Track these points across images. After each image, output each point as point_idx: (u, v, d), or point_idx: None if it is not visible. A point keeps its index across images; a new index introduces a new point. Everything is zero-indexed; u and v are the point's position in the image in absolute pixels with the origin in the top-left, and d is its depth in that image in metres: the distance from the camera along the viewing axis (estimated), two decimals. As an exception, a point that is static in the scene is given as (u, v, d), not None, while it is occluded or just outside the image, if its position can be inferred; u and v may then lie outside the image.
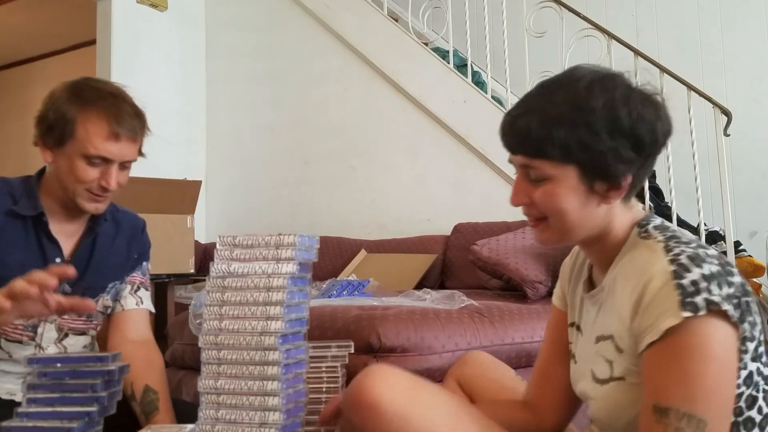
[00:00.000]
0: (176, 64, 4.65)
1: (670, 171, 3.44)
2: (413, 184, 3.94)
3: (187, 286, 3.38)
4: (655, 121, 0.98)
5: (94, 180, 1.34)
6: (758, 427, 0.95)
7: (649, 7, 4.54)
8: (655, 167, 3.62)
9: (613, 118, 0.95)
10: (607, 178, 0.96)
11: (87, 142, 1.31)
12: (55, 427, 1.03)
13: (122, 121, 1.33)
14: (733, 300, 0.89)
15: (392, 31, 4.06)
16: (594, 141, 0.94)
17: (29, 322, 1.38)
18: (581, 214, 0.99)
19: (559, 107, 0.96)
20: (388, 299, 2.16)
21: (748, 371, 0.93)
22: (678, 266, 0.90)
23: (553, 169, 0.97)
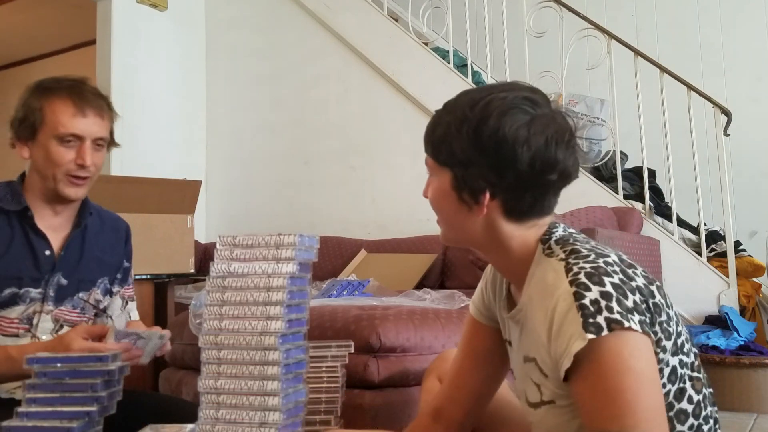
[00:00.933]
0: (176, 64, 4.65)
1: (670, 171, 3.44)
2: (413, 184, 3.92)
3: (187, 286, 3.37)
4: (523, 144, 0.96)
5: (71, 161, 1.38)
6: (692, 416, 0.97)
7: (649, 7, 4.54)
8: (654, 167, 3.58)
9: (479, 135, 0.98)
10: (468, 191, 1.00)
11: (56, 122, 1.37)
12: (55, 427, 1.03)
13: (85, 99, 1.40)
14: (637, 309, 0.90)
15: (392, 31, 4.06)
16: (459, 150, 1.00)
17: (24, 314, 1.41)
18: (455, 219, 1.05)
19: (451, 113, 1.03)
20: (388, 299, 2.16)
21: (670, 367, 0.95)
22: (578, 287, 0.91)
23: (435, 168, 1.07)
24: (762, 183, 4.09)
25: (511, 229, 1.03)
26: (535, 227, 1.04)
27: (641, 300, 0.92)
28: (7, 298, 1.38)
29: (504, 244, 1.04)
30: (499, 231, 1.03)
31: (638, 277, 0.95)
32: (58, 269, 1.44)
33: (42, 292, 1.42)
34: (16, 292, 1.39)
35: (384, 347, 1.70)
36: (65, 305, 1.46)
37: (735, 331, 3.02)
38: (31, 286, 1.41)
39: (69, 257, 1.46)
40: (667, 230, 3.39)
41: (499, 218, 1.02)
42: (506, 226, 1.02)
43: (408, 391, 1.76)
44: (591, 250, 0.96)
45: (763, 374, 2.86)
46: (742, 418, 2.75)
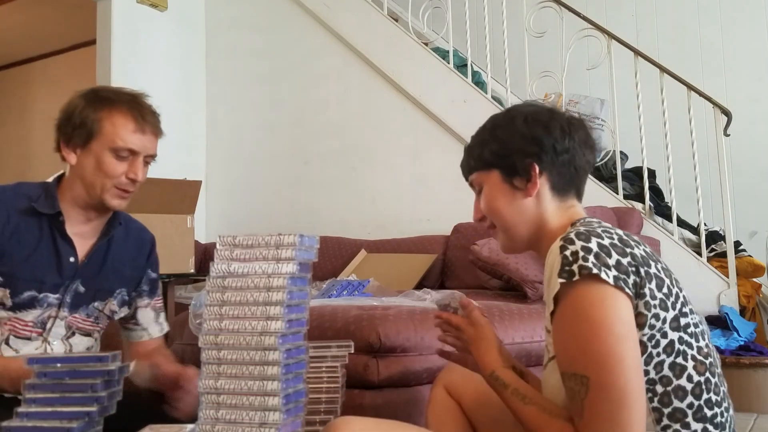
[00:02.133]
0: (176, 64, 4.65)
1: (670, 171, 3.44)
2: (413, 184, 3.94)
3: (187, 286, 3.38)
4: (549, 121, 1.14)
5: (122, 174, 1.40)
6: (691, 394, 1.00)
7: (649, 7, 4.54)
8: (655, 167, 3.58)
9: (510, 124, 1.17)
10: (519, 173, 1.14)
11: (115, 135, 1.38)
12: (55, 427, 1.03)
13: (146, 116, 1.43)
14: (619, 268, 0.97)
15: (392, 31, 4.06)
16: (498, 146, 1.16)
17: (39, 318, 1.41)
18: (512, 209, 1.16)
19: (479, 135, 1.22)
20: (388, 299, 2.16)
21: (668, 340, 1.00)
22: (564, 241, 1.01)
23: (483, 177, 1.19)
24: (762, 183, 4.09)
25: (554, 208, 1.15)
26: (572, 209, 1.16)
27: (630, 263, 0.99)
28: (26, 300, 1.39)
29: (548, 225, 1.15)
30: (546, 209, 1.15)
31: (638, 249, 1.03)
32: (79, 276, 1.44)
33: (60, 298, 1.42)
34: (36, 295, 1.39)
35: (384, 347, 1.70)
36: (79, 313, 1.46)
37: (735, 331, 3.02)
38: (50, 291, 1.41)
39: (91, 266, 1.47)
40: (667, 230, 3.39)
41: (547, 194, 1.15)
42: (551, 203, 1.15)
43: (408, 391, 1.76)
44: (601, 224, 1.07)
45: (763, 374, 2.87)
46: (742, 418, 2.75)
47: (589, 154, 1.17)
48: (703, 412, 1.00)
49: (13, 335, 1.39)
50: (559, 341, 1.01)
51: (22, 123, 6.60)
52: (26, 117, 6.66)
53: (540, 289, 2.48)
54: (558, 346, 1.01)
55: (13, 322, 1.39)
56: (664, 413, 1.00)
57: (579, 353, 0.97)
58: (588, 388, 0.95)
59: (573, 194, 1.17)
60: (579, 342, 0.97)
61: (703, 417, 1.00)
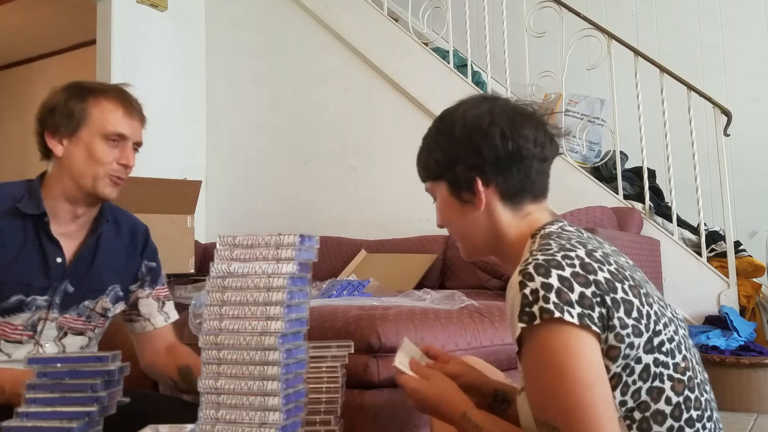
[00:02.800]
0: (176, 64, 4.65)
1: (670, 171, 3.44)
2: (413, 184, 3.89)
3: (187, 286, 3.37)
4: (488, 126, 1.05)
5: (113, 160, 1.39)
6: (671, 417, 0.95)
7: (649, 7, 4.54)
8: (655, 167, 3.58)
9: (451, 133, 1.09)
10: (463, 188, 1.08)
11: (105, 120, 1.38)
12: (55, 427, 1.03)
13: (133, 102, 1.44)
14: (582, 302, 0.91)
15: (392, 31, 4.06)
16: (443, 157, 1.10)
17: (29, 321, 1.39)
18: (464, 221, 1.11)
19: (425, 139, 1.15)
20: (388, 299, 2.16)
21: (642, 365, 0.94)
22: (523, 277, 0.93)
23: (433, 187, 1.14)
24: (762, 183, 4.09)
25: (509, 218, 1.08)
26: (530, 217, 1.09)
27: (594, 294, 0.92)
28: (14, 305, 1.36)
29: (505, 236, 1.09)
30: (499, 221, 1.08)
31: (602, 272, 0.95)
32: (67, 277, 1.42)
33: (48, 299, 1.40)
34: (23, 299, 1.37)
35: (384, 347, 1.70)
36: (70, 313, 1.43)
37: (735, 332, 3.02)
38: (38, 294, 1.38)
39: (79, 266, 1.44)
40: (667, 230, 3.39)
41: (497, 205, 1.08)
42: (504, 213, 1.08)
43: (408, 391, 1.75)
44: (561, 246, 0.98)
45: (763, 374, 2.87)
46: (742, 418, 2.75)
47: (543, 150, 1.07)
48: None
49: (3, 340, 1.37)
50: (527, 385, 0.96)
51: (22, 123, 6.58)
52: (26, 117, 6.62)
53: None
54: (527, 386, 0.96)
55: (2, 326, 1.37)
56: None
57: (547, 401, 0.92)
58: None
59: (529, 199, 1.09)
60: (546, 390, 0.92)
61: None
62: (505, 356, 1.93)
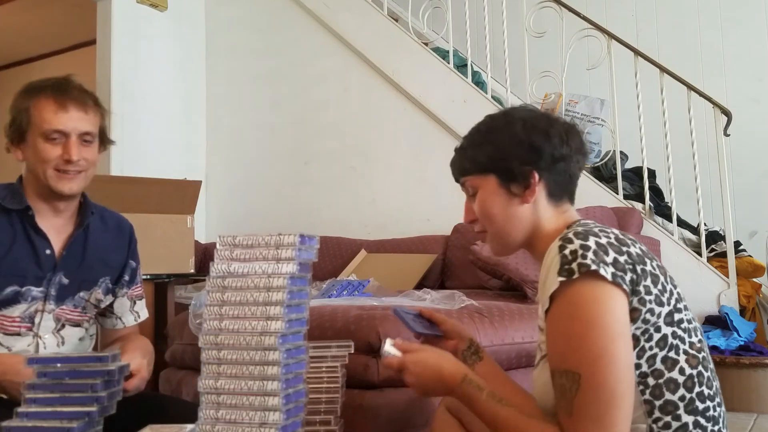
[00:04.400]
0: (176, 64, 4.64)
1: (670, 171, 3.44)
2: (413, 184, 3.94)
3: (187, 286, 3.37)
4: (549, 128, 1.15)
5: (57, 157, 1.40)
6: (683, 387, 1.02)
7: (649, 7, 4.54)
8: (655, 167, 3.58)
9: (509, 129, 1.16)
10: (516, 179, 1.15)
11: (41, 120, 1.39)
12: (55, 427, 1.03)
13: (67, 94, 1.41)
14: (616, 265, 0.99)
15: (392, 31, 4.06)
16: (496, 151, 1.16)
17: (26, 313, 1.41)
18: (507, 214, 1.16)
19: (470, 137, 1.21)
20: (388, 299, 2.16)
21: (661, 334, 1.02)
22: (563, 240, 1.03)
23: (478, 180, 1.19)
24: (762, 183, 4.09)
25: (550, 213, 1.16)
26: (566, 214, 1.17)
27: (626, 261, 1.01)
28: (10, 296, 1.39)
29: (542, 230, 1.16)
30: (542, 215, 1.16)
31: (634, 248, 1.04)
32: (60, 269, 1.45)
33: (44, 291, 1.43)
34: (18, 290, 1.40)
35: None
36: (66, 304, 1.47)
37: (735, 332, 3.02)
38: (33, 285, 1.41)
39: (71, 257, 1.47)
40: (667, 230, 3.38)
41: (543, 201, 1.16)
42: (548, 209, 1.16)
43: (408, 391, 1.74)
44: (597, 225, 1.08)
45: (763, 374, 2.86)
46: (742, 418, 2.75)
47: (582, 160, 1.19)
48: (694, 404, 1.02)
49: (2, 332, 1.40)
50: (552, 338, 1.02)
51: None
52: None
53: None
54: (551, 343, 1.02)
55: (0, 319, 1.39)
56: (656, 405, 1.01)
57: (572, 351, 0.98)
58: (579, 386, 0.96)
59: (567, 199, 1.19)
60: (572, 340, 0.98)
61: (695, 410, 1.02)
62: (505, 356, 1.93)
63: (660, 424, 1.01)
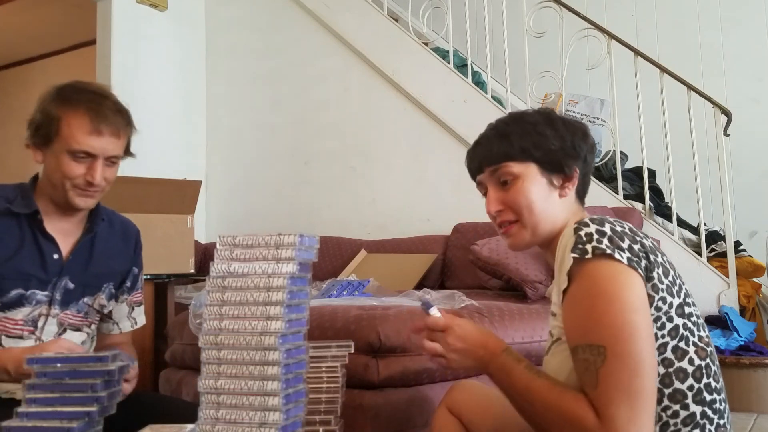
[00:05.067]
0: (176, 64, 4.64)
1: (670, 171, 3.44)
2: (413, 184, 3.94)
3: (187, 286, 3.38)
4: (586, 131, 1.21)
5: (80, 175, 1.39)
6: (692, 377, 1.04)
7: (649, 7, 4.54)
8: (654, 167, 3.58)
9: (552, 124, 1.19)
10: (561, 170, 1.17)
11: (70, 137, 1.37)
12: (55, 427, 1.03)
13: (104, 117, 1.38)
14: (631, 251, 1.01)
15: (392, 31, 4.06)
16: (544, 141, 1.17)
17: (30, 316, 1.41)
18: (545, 205, 1.17)
19: (509, 125, 1.21)
20: (388, 299, 2.16)
21: (673, 324, 1.04)
22: (579, 224, 1.05)
23: (518, 168, 1.17)
24: (762, 183, 4.09)
25: (575, 209, 1.20)
26: (582, 213, 1.21)
27: (641, 249, 1.03)
28: (14, 299, 1.39)
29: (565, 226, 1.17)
30: (569, 210, 1.19)
31: (646, 240, 1.07)
32: (66, 273, 1.45)
33: (49, 295, 1.43)
34: (23, 293, 1.40)
35: (384, 347, 1.70)
36: (70, 309, 1.47)
37: (735, 332, 3.02)
38: (37, 288, 1.41)
39: (77, 262, 1.47)
40: (667, 230, 3.38)
41: (572, 198, 1.20)
42: (574, 205, 1.20)
43: (408, 391, 1.76)
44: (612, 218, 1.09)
45: (763, 374, 2.86)
46: (742, 418, 2.75)
47: (593, 162, 1.25)
48: (702, 395, 1.03)
49: (5, 335, 1.40)
50: (571, 316, 1.03)
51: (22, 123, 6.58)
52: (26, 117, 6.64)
53: (540, 289, 2.48)
54: (571, 320, 1.03)
55: (3, 322, 1.40)
56: (665, 393, 1.03)
57: (594, 324, 0.99)
58: (605, 357, 0.97)
59: (584, 197, 1.25)
60: (594, 314, 0.99)
61: (703, 400, 1.03)
62: (505, 356, 1.93)
63: (669, 412, 1.03)
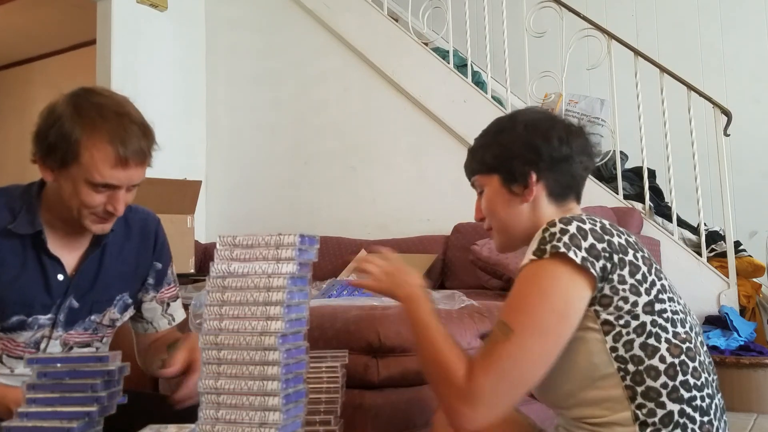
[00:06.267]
0: (176, 64, 4.64)
1: (670, 171, 3.44)
2: (413, 184, 3.94)
3: (187, 286, 3.37)
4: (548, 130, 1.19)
5: (100, 204, 1.27)
6: (664, 374, 1.04)
7: (649, 7, 4.53)
8: (654, 167, 3.58)
9: (513, 131, 1.21)
10: (517, 179, 1.19)
11: (93, 168, 1.23)
12: (55, 427, 1.03)
13: (130, 145, 1.25)
14: (591, 251, 1.03)
15: (392, 31, 4.06)
16: (501, 152, 1.21)
17: (32, 339, 1.35)
18: (509, 212, 1.21)
19: (482, 138, 1.27)
20: (388, 299, 2.15)
21: (639, 322, 1.05)
22: (548, 224, 1.08)
23: (484, 180, 1.24)
24: (762, 183, 4.09)
25: (552, 212, 1.19)
26: (570, 212, 1.20)
27: (604, 249, 1.05)
28: (15, 324, 1.32)
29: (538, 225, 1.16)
30: (543, 213, 1.19)
31: (618, 238, 1.08)
32: (71, 293, 1.36)
33: (52, 318, 1.34)
34: (24, 320, 1.32)
35: (384, 347, 1.70)
36: (75, 329, 1.39)
37: (735, 331, 3.02)
38: (40, 314, 1.33)
39: (83, 280, 1.38)
40: (667, 230, 3.38)
41: (543, 201, 1.20)
42: (549, 207, 1.20)
43: (408, 391, 1.76)
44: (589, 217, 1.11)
45: (763, 374, 2.87)
46: (742, 418, 2.75)
47: (588, 160, 1.22)
48: (679, 393, 1.03)
49: (6, 354, 1.34)
50: (508, 299, 1.08)
51: (22, 123, 6.58)
52: (26, 117, 6.64)
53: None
54: (506, 302, 1.08)
55: (5, 341, 1.33)
56: (638, 391, 1.04)
57: (517, 309, 1.05)
58: (507, 339, 1.03)
59: (572, 198, 1.23)
60: (522, 301, 1.05)
61: (680, 398, 1.03)
62: (505, 356, 1.93)
63: (644, 410, 1.03)
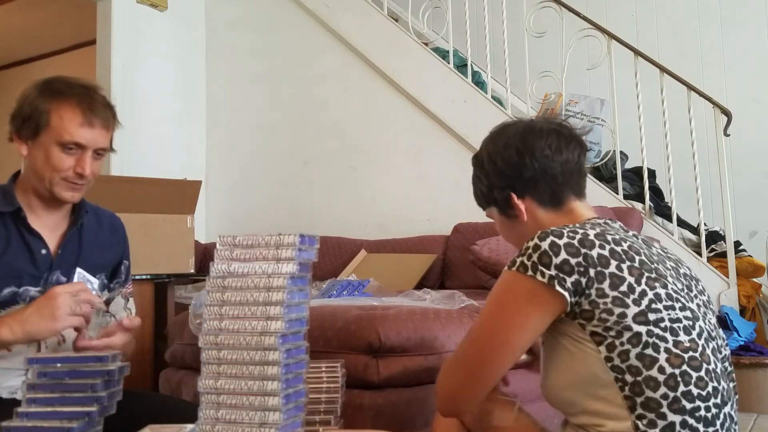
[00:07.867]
0: (176, 64, 4.64)
1: (670, 171, 3.44)
2: (413, 184, 3.94)
3: (187, 286, 3.38)
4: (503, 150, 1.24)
5: (70, 168, 1.40)
6: (664, 385, 1.03)
7: (649, 7, 4.53)
8: (654, 167, 3.58)
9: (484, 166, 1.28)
10: (506, 206, 1.26)
11: (62, 129, 1.38)
12: (55, 427, 1.03)
13: (95, 109, 1.40)
14: (562, 268, 1.05)
15: (392, 31, 4.06)
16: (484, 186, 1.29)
17: None
18: (513, 233, 1.30)
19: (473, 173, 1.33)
20: (388, 299, 2.16)
21: (633, 332, 1.04)
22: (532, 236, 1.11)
23: (488, 212, 1.33)
24: (762, 183, 4.09)
25: (552, 218, 1.22)
26: (573, 213, 1.23)
27: (579, 264, 1.06)
28: (8, 297, 1.39)
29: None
30: (544, 223, 1.22)
31: (601, 250, 1.08)
32: (57, 267, 1.45)
33: (41, 290, 1.42)
34: (16, 290, 1.40)
35: (384, 347, 1.70)
36: None
37: (735, 332, 3.02)
38: (30, 285, 1.41)
39: (67, 255, 1.47)
40: (667, 230, 3.38)
41: (538, 211, 1.23)
42: (547, 216, 1.23)
43: (408, 391, 1.76)
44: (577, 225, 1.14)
45: (763, 374, 2.87)
46: (742, 418, 2.74)
47: (567, 153, 1.22)
48: (680, 404, 1.02)
49: None
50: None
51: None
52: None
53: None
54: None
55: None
56: (638, 402, 1.03)
57: (481, 318, 1.14)
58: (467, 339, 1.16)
59: (569, 197, 1.24)
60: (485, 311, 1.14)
61: (681, 409, 1.02)
62: (505, 356, 1.93)
63: (644, 421, 1.02)
